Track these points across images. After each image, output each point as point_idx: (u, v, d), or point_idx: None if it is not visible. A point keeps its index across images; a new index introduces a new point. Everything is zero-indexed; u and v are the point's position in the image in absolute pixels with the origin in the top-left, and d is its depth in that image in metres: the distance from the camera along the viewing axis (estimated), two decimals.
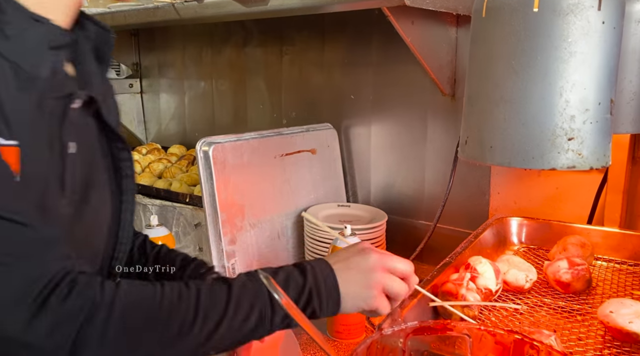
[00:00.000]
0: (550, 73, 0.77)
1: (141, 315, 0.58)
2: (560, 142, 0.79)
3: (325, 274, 0.70)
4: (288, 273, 0.69)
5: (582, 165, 0.80)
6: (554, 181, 1.38)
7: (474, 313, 0.95)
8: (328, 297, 0.69)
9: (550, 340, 0.79)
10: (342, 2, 1.23)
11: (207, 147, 1.28)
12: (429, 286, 0.97)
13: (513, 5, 0.78)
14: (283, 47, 1.87)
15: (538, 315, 1.00)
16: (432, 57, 1.41)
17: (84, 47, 0.73)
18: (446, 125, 1.53)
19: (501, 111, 0.81)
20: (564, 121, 0.78)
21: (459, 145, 0.92)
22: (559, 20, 0.75)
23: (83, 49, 0.73)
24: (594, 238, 1.23)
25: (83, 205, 0.71)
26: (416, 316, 0.89)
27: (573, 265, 1.05)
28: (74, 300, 0.55)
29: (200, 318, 0.60)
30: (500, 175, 1.46)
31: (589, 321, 0.97)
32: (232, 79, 2.06)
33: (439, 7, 1.21)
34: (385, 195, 1.68)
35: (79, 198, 0.70)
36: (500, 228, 1.31)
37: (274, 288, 0.49)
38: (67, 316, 0.54)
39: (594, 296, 1.07)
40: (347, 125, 1.73)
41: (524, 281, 1.06)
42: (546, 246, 1.27)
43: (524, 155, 0.80)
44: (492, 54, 0.81)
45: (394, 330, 0.71)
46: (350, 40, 1.70)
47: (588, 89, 0.78)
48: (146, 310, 0.58)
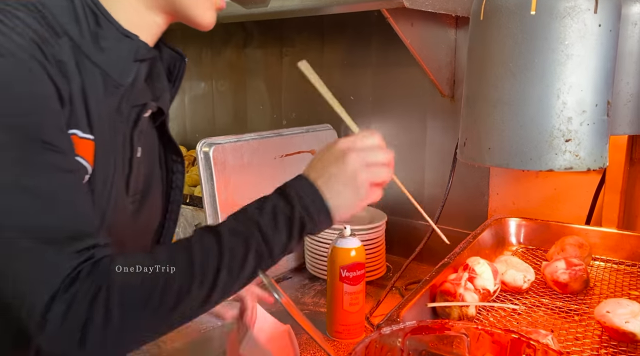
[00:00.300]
0: (547, 75, 0.78)
1: (139, 292, 0.59)
2: (558, 144, 0.79)
3: (312, 195, 0.69)
4: (274, 205, 0.68)
5: (579, 167, 0.80)
6: (552, 182, 1.39)
7: (472, 312, 0.96)
8: (319, 216, 0.69)
9: (547, 339, 0.80)
10: (341, 4, 1.24)
11: (207, 148, 1.29)
12: (427, 287, 0.98)
13: (510, 8, 0.78)
14: (283, 48, 1.88)
15: (536, 315, 1.01)
16: (432, 58, 1.42)
17: (159, 67, 0.83)
18: (445, 126, 1.53)
19: (499, 113, 0.82)
20: (561, 123, 0.79)
21: (458, 146, 0.93)
22: (556, 23, 0.76)
23: (158, 68, 0.82)
24: (592, 239, 1.24)
25: (141, 207, 0.79)
26: (414, 316, 0.90)
27: (570, 265, 1.06)
28: (78, 288, 0.57)
29: (198, 276, 0.61)
30: (499, 176, 1.46)
31: (586, 321, 0.98)
32: (232, 80, 2.07)
33: (438, 9, 1.22)
34: (384, 196, 1.68)
35: (139, 199, 0.78)
36: (499, 229, 1.32)
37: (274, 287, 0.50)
38: (72, 305, 0.56)
39: (591, 297, 1.07)
40: (346, 126, 1.74)
41: (522, 282, 1.07)
42: (544, 246, 1.28)
43: (521, 156, 0.81)
44: (490, 56, 0.82)
45: (392, 329, 0.72)
46: (350, 41, 1.70)
47: (585, 91, 0.78)
48: (142, 286, 0.59)
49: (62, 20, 0.66)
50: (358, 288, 1.12)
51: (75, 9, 0.67)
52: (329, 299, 1.14)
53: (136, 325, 0.59)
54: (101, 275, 0.58)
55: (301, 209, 0.67)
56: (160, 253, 0.63)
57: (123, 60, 0.71)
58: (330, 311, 1.14)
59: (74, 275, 0.57)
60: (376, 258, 1.43)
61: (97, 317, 0.56)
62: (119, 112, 0.72)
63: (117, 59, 0.70)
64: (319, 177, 0.70)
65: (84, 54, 0.67)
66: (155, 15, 0.73)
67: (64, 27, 0.66)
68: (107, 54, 0.68)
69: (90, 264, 0.58)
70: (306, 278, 1.47)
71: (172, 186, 0.88)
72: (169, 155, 0.87)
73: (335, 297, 1.12)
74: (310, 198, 0.68)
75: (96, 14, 0.68)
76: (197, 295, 0.61)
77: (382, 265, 1.46)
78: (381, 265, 1.46)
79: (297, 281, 1.46)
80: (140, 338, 0.62)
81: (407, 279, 1.41)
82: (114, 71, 0.69)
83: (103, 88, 0.68)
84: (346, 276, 1.10)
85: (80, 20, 0.67)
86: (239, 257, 0.63)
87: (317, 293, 1.38)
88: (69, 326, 0.56)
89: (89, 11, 0.68)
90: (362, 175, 0.71)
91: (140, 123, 0.75)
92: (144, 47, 0.73)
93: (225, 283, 0.63)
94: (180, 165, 0.88)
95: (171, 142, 0.87)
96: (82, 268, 0.58)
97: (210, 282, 0.61)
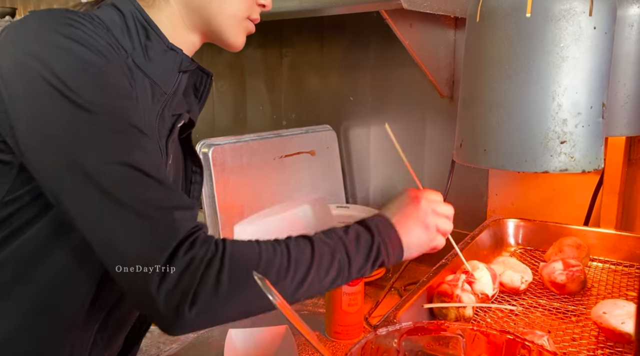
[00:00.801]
0: (542, 77, 0.78)
1: (245, 267, 0.63)
2: (553, 145, 0.80)
3: (388, 229, 0.77)
4: (357, 232, 0.75)
5: (575, 168, 0.81)
6: (551, 183, 1.39)
7: (469, 313, 0.96)
8: (393, 249, 0.77)
9: (542, 340, 0.80)
10: (339, 5, 1.24)
11: (206, 149, 1.30)
12: (424, 288, 0.99)
13: (506, 11, 0.79)
14: (283, 49, 1.88)
15: (533, 316, 1.01)
16: (430, 59, 1.42)
17: (189, 83, 0.89)
18: (444, 126, 1.54)
19: (494, 115, 0.82)
20: (557, 125, 0.79)
21: (454, 148, 0.93)
22: (551, 26, 0.77)
23: (188, 84, 0.88)
24: (590, 240, 1.24)
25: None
26: (411, 317, 0.90)
27: (568, 266, 1.06)
28: (196, 252, 0.61)
29: (292, 267, 0.67)
30: (498, 177, 1.47)
31: (583, 322, 0.98)
32: (232, 81, 2.07)
33: (436, 10, 1.22)
34: (384, 196, 1.69)
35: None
36: (497, 230, 1.32)
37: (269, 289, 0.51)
38: (190, 266, 0.60)
39: (588, 298, 1.08)
40: (346, 126, 1.74)
41: (520, 283, 1.07)
42: (543, 247, 1.28)
43: (517, 158, 0.81)
44: (486, 58, 0.82)
45: (388, 330, 0.72)
46: (349, 42, 1.71)
47: (580, 93, 0.79)
48: (249, 261, 0.65)
49: (115, 33, 0.71)
50: (356, 288, 1.12)
51: (127, 24, 0.73)
52: (328, 300, 1.14)
53: (241, 297, 0.63)
54: (216, 244, 0.64)
55: (379, 239, 0.75)
56: (262, 242, 0.68)
57: (168, 71, 0.77)
58: (329, 312, 1.14)
59: (192, 240, 0.62)
60: None
61: (209, 282, 0.61)
62: (162, 118, 0.78)
63: (163, 69, 0.76)
64: (394, 215, 0.79)
65: (135, 64, 0.73)
66: (193, 35, 0.80)
67: (117, 39, 0.71)
68: (155, 64, 0.75)
69: (204, 233, 0.64)
70: None
71: (190, 196, 0.92)
72: (189, 166, 0.92)
73: (334, 298, 1.12)
74: (386, 232, 0.77)
75: (146, 29, 0.74)
76: (290, 285, 0.67)
77: None
78: None
79: None
80: (243, 309, 0.66)
81: (406, 280, 1.41)
82: (161, 80, 0.76)
83: (151, 95, 0.75)
84: None
85: (132, 34, 0.73)
86: (326, 263, 0.70)
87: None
88: (183, 286, 0.60)
89: (140, 26, 0.74)
90: (431, 218, 0.81)
91: (174, 132, 0.80)
92: (186, 60, 0.80)
93: (311, 283, 0.69)
94: (199, 176, 0.93)
95: (193, 153, 0.92)
96: (198, 235, 0.63)
97: (302, 276, 0.68)
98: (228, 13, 0.78)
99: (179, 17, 0.78)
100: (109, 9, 0.74)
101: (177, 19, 0.78)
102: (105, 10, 0.73)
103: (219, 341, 1.14)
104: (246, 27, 0.82)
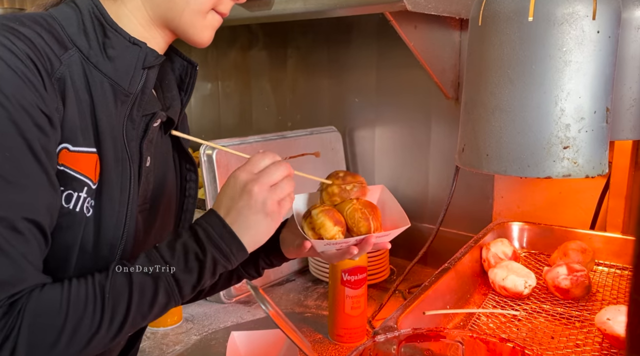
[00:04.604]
0: (545, 82, 0.77)
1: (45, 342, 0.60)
2: (556, 151, 0.79)
3: (223, 234, 0.70)
4: (186, 247, 0.68)
5: (578, 174, 0.80)
6: (557, 186, 1.38)
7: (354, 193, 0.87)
8: (232, 251, 0.70)
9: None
10: (344, 7, 1.23)
11: (210, 151, 1.30)
12: (426, 293, 0.98)
13: (508, 15, 0.78)
14: (288, 50, 1.88)
15: (536, 322, 1.00)
16: (436, 60, 1.41)
17: (170, 76, 0.84)
18: (450, 128, 1.53)
19: (497, 119, 0.81)
20: (559, 130, 0.78)
21: (457, 152, 0.92)
22: (554, 30, 0.76)
23: (169, 79, 0.84)
24: (596, 244, 1.22)
25: (150, 216, 0.81)
26: (413, 322, 0.89)
27: (572, 271, 1.05)
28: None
29: (108, 315, 0.63)
30: (504, 180, 1.46)
31: (587, 328, 0.97)
32: (238, 81, 2.08)
33: (441, 12, 1.21)
34: None
35: (148, 208, 0.80)
36: (502, 233, 1.31)
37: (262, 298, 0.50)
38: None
39: (593, 303, 1.07)
40: (351, 128, 1.74)
41: (523, 288, 1.06)
42: (547, 251, 1.27)
43: (519, 163, 0.80)
44: (488, 62, 0.82)
45: (386, 337, 0.72)
46: (354, 43, 1.70)
47: (583, 98, 0.78)
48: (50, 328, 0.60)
49: (70, 31, 0.68)
50: (359, 291, 1.12)
51: (83, 21, 0.69)
52: (331, 302, 1.14)
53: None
54: (15, 316, 0.58)
55: (212, 249, 0.68)
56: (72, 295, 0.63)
57: (131, 68, 0.72)
58: (331, 315, 1.14)
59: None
60: (380, 261, 1.43)
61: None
62: (131, 120, 0.73)
63: (125, 66, 0.71)
64: (228, 213, 0.71)
65: (92, 65, 0.68)
66: (160, 29, 0.75)
67: (72, 38, 0.68)
68: (115, 62, 0.70)
69: (7, 305, 0.58)
70: (309, 280, 1.47)
71: (186, 195, 0.90)
72: (182, 164, 0.90)
73: (337, 301, 1.12)
74: (221, 237, 0.69)
75: (103, 25, 0.70)
76: (107, 334, 0.63)
77: (386, 268, 1.46)
78: (385, 268, 1.46)
79: (301, 283, 1.46)
80: None
81: (410, 282, 1.41)
82: (123, 80, 0.71)
83: (113, 98, 0.70)
84: (347, 279, 1.10)
85: (88, 32, 0.69)
86: (148, 296, 0.65)
87: (319, 296, 1.38)
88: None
89: (96, 22, 0.70)
90: (269, 201, 0.71)
91: (149, 133, 0.76)
92: (151, 54, 0.74)
93: (134, 320, 0.65)
94: (193, 174, 0.91)
95: (184, 151, 0.89)
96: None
97: (120, 321, 0.64)
98: (192, 8, 0.72)
99: (143, 10, 0.73)
100: (66, 7, 0.70)
101: (141, 13, 0.73)
102: (63, 8, 0.70)
103: (222, 343, 1.14)
104: (211, 23, 0.76)
